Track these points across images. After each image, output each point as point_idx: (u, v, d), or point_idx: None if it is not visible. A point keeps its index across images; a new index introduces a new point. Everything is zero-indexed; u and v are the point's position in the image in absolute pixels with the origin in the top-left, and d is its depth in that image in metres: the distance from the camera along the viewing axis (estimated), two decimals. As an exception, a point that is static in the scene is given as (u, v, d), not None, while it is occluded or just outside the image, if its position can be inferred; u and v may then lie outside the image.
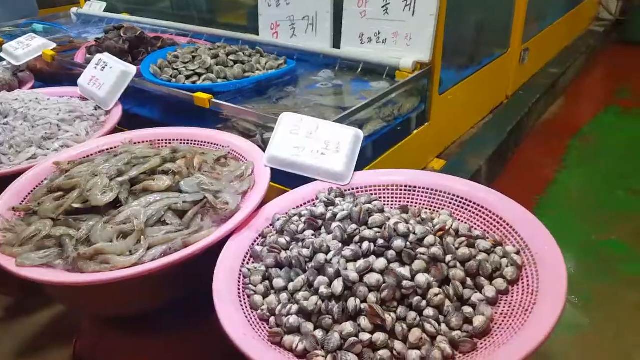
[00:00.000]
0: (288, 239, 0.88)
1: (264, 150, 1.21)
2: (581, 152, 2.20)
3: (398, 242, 0.74)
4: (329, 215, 0.90)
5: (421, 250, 0.74)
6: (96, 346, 1.17)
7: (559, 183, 1.96)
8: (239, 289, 0.83)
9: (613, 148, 2.22)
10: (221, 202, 1.04)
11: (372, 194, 1.05)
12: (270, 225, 1.00)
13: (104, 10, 2.50)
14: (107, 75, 1.56)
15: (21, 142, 1.31)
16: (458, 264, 0.77)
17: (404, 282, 0.70)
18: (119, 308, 0.99)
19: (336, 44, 1.72)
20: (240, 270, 0.87)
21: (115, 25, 1.92)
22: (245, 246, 0.93)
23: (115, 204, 1.00)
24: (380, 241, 0.75)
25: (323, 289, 0.72)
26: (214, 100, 1.38)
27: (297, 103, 1.49)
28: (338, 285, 0.71)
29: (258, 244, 0.95)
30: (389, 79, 1.56)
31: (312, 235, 0.86)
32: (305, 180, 1.13)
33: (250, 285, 0.82)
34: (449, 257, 0.76)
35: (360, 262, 0.73)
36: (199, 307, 1.14)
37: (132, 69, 1.55)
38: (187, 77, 1.54)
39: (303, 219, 0.92)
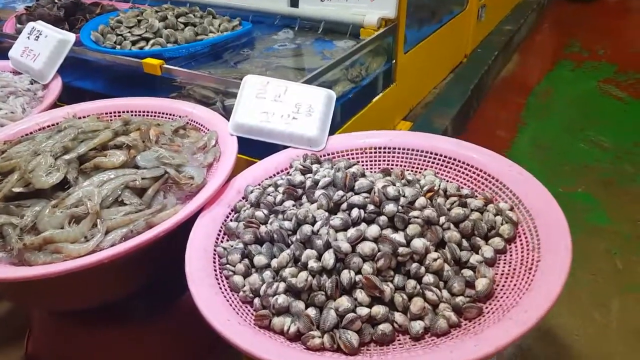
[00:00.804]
0: (266, 211, 0.81)
1: (226, 119, 1.12)
2: (540, 108, 2.22)
3: (390, 207, 0.68)
4: (308, 183, 0.82)
5: (414, 213, 0.69)
6: (52, 343, 1.06)
7: (522, 139, 1.97)
8: (215, 271, 0.75)
9: (570, 102, 2.26)
10: (185, 177, 0.94)
11: (349, 159, 0.99)
12: (243, 198, 0.92)
13: (30, -25, 2.24)
14: (42, 45, 1.39)
15: (-56, 122, 1.14)
16: (452, 226, 0.72)
17: (400, 249, 0.65)
18: (76, 302, 0.89)
19: (293, 2, 1.61)
20: (215, 250, 0.79)
21: (46, -11, 1.72)
22: (217, 223, 0.85)
23: (63, 185, 0.88)
24: (371, 207, 0.69)
25: (313, 263, 0.65)
26: (166, 65, 1.26)
27: (257, 66, 1.39)
28: (329, 258, 0.64)
29: (232, 220, 0.87)
30: (353, 38, 1.48)
31: (293, 206, 0.79)
32: (273, 150, 1.05)
33: (228, 266, 0.74)
34: (442, 219, 0.71)
35: (352, 231, 0.66)
36: (166, 293, 1.06)
37: (71, 37, 1.38)
38: (134, 43, 1.39)
39: (280, 189, 0.85)
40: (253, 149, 1.08)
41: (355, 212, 0.69)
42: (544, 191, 0.72)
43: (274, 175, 0.98)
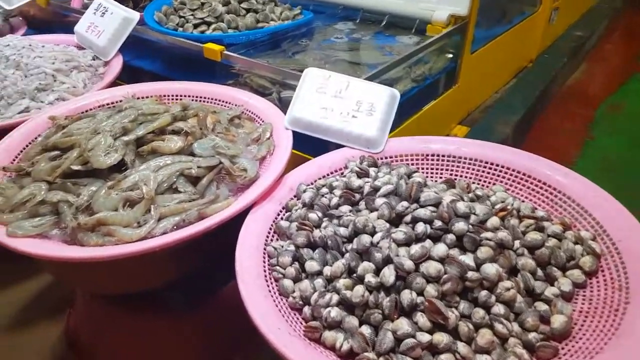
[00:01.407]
0: (320, 214, 0.77)
1: (281, 110, 1.08)
2: (610, 122, 2.07)
3: (460, 225, 0.63)
4: (367, 188, 0.78)
5: (487, 235, 0.63)
6: (91, 322, 1.07)
7: (589, 154, 1.84)
8: (264, 271, 0.72)
9: (643, 117, 2.10)
10: (238, 168, 0.92)
11: (408, 164, 0.93)
12: (295, 196, 0.88)
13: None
14: (107, 22, 1.40)
15: (13, 93, 1.16)
16: (526, 252, 0.66)
17: (469, 274, 0.59)
18: (119, 287, 0.89)
19: (358, -7, 1.55)
20: (265, 249, 0.76)
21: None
22: (268, 220, 0.82)
23: (120, 166, 0.87)
24: (438, 223, 0.64)
25: (370, 278, 0.61)
26: (226, 52, 1.23)
27: (315, 58, 1.35)
28: (389, 274, 0.60)
29: (283, 218, 0.84)
30: (418, 34, 1.41)
31: (350, 212, 0.75)
32: (326, 148, 1.01)
33: (278, 267, 0.71)
34: (516, 244, 0.65)
35: (416, 248, 0.61)
36: (206, 284, 1.05)
37: (135, 15, 1.39)
38: (195, 26, 1.38)
39: (336, 191, 0.81)
40: (305, 144, 1.04)
41: (420, 227, 0.64)
42: (635, 224, 0.65)
43: (328, 175, 0.94)
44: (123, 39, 1.39)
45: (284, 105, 1.19)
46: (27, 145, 1.01)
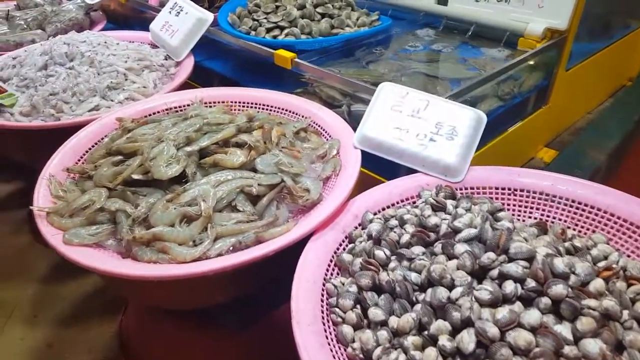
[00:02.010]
0: (387, 252, 0.69)
1: (349, 124, 1.01)
2: None
3: (558, 288, 0.52)
4: (444, 227, 0.69)
5: (590, 303, 0.52)
6: (142, 330, 1.06)
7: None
8: (322, 312, 0.65)
9: None
10: (301, 189, 0.85)
11: (492, 198, 0.83)
12: (360, 225, 0.81)
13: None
14: (181, 22, 1.39)
15: (85, 90, 1.18)
16: (635, 325, 0.54)
17: (566, 349, 0.49)
18: (170, 303, 0.85)
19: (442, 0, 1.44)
20: (324, 285, 0.69)
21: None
22: (329, 250, 0.75)
23: (181, 178, 0.84)
24: (531, 283, 0.54)
25: (445, 341, 0.52)
26: (297, 60, 1.18)
27: (390, 69, 1.26)
28: (469, 341, 0.51)
29: (345, 250, 0.76)
30: (508, 47, 1.28)
31: (423, 254, 0.66)
32: (396, 169, 0.92)
33: (337, 310, 0.64)
34: (624, 314, 0.54)
35: (503, 312, 0.52)
36: (257, 305, 1.00)
37: (209, 17, 1.37)
38: (268, 31, 1.34)
39: (408, 227, 0.72)
40: (375, 162, 0.96)
41: (509, 286, 0.54)
42: None
43: (399, 203, 0.85)
44: (196, 40, 1.37)
45: (353, 119, 1.11)
46: (93, 146, 1.01)
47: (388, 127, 0.92)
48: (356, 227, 0.81)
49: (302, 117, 1.08)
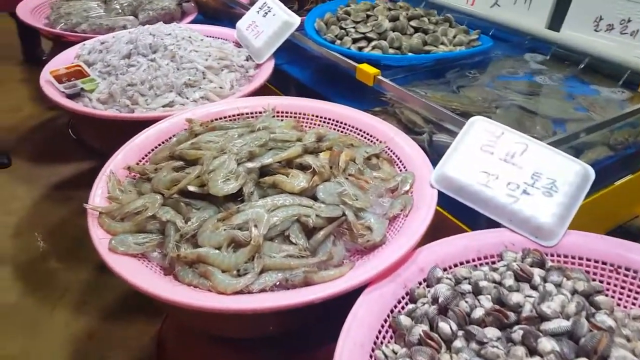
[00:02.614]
0: (454, 326, 0.58)
1: (428, 156, 0.90)
2: None
3: None
4: (527, 308, 0.57)
5: None
6: (179, 342, 1.02)
7: None
8: (367, 386, 0.56)
9: None
10: (363, 226, 0.77)
11: (589, 274, 0.69)
12: (425, 281, 0.70)
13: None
14: (267, 23, 1.35)
15: (162, 84, 1.16)
16: None
17: None
18: (206, 329, 0.80)
19: (554, 24, 1.28)
20: (373, 351, 0.60)
21: (288, -35, 1.69)
22: (384, 308, 0.66)
23: (237, 195, 0.78)
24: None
25: None
26: (380, 77, 1.08)
27: (484, 97, 1.13)
28: None
29: (404, 309, 0.67)
30: (627, 88, 1.10)
31: (498, 339, 0.54)
32: (476, 217, 0.80)
33: (384, 387, 0.54)
34: None
35: None
36: (301, 343, 0.92)
37: (296, 21, 1.31)
38: (355, 41, 1.26)
39: (483, 299, 0.61)
40: (451, 201, 0.84)
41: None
42: None
43: (475, 261, 0.74)
44: (279, 44, 1.32)
45: (434, 151, 1.00)
46: (160, 144, 0.98)
47: (474, 170, 0.80)
48: (420, 283, 0.71)
49: (377, 140, 0.99)
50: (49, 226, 1.43)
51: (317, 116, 1.07)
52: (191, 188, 0.78)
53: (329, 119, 1.06)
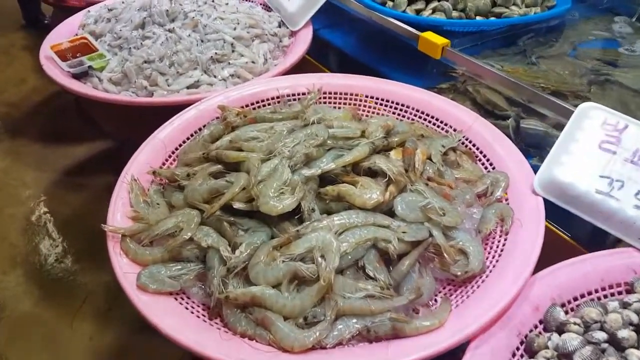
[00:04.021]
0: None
1: (519, 147, 0.73)
2: None
3: None
4: None
5: None
6: None
7: None
8: None
9: None
10: (455, 249, 0.60)
11: None
12: (541, 324, 0.55)
13: None
14: (302, -18, 1.14)
15: (184, 60, 0.98)
16: None
17: None
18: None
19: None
20: None
21: None
22: (498, 368, 0.50)
23: (294, 211, 0.62)
24: None
25: None
26: (450, 49, 0.89)
27: (573, 72, 0.94)
28: None
29: (523, 369, 0.51)
30: None
31: None
32: (596, 233, 0.64)
33: None
34: None
35: None
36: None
37: (337, -22, 1.10)
38: (410, 2, 1.05)
39: (633, 356, 0.45)
40: (552, 209, 0.68)
41: None
42: None
43: (599, 292, 0.58)
44: (317, 7, 1.12)
45: (522, 139, 0.83)
46: (188, 137, 0.82)
47: (592, 174, 0.63)
48: (536, 326, 0.55)
49: (450, 128, 0.81)
50: (63, 218, 1.29)
51: (373, 98, 0.89)
52: (237, 205, 0.62)
53: (387, 101, 0.88)
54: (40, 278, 1.13)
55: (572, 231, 0.72)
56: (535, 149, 0.82)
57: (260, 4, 1.27)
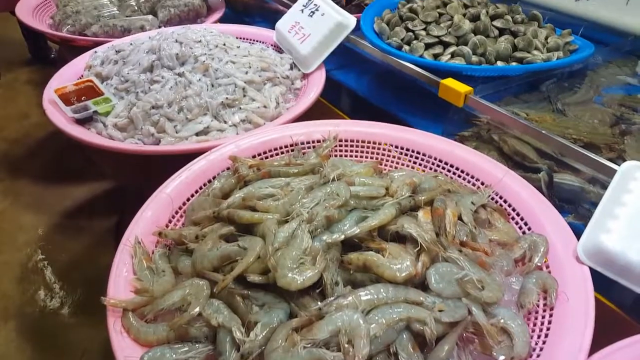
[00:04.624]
0: None
1: (551, 201, 0.67)
2: None
3: None
4: None
5: None
6: None
7: None
8: None
9: None
10: (497, 328, 0.54)
11: None
12: None
13: None
14: (315, 25, 1.11)
15: (194, 106, 0.94)
16: None
17: None
18: None
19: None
20: None
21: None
22: None
23: (316, 284, 0.55)
24: None
25: None
26: (474, 97, 0.84)
27: (602, 120, 0.89)
28: None
29: None
30: None
31: None
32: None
33: None
34: None
35: None
36: None
37: (351, 22, 1.07)
38: (427, 46, 1.01)
39: None
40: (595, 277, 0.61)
41: None
42: None
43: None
44: (331, 50, 1.09)
45: (556, 194, 0.77)
46: (197, 191, 0.76)
47: (643, 243, 0.57)
48: None
49: (477, 181, 0.76)
50: (60, 266, 1.22)
51: (393, 146, 0.84)
52: (251, 278, 0.55)
53: (408, 150, 0.83)
54: (34, 333, 1.06)
55: (622, 303, 0.65)
56: (570, 204, 0.77)
57: (272, 46, 1.24)
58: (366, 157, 0.85)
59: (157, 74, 0.99)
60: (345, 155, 0.85)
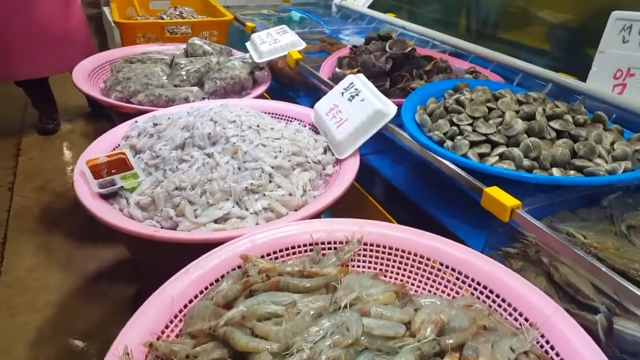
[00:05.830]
0: None
1: (606, 347, 0.55)
2: None
3: None
4: None
5: None
6: None
7: None
8: None
9: None
10: None
11: None
12: None
13: (369, 7, 2.07)
14: (354, 110, 1.07)
15: (217, 190, 0.89)
16: None
17: None
18: None
19: None
20: None
21: (381, 34, 1.43)
22: None
23: None
24: None
25: None
26: (522, 213, 0.74)
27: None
28: None
29: None
30: None
31: None
32: None
33: None
34: None
35: None
36: None
37: (391, 111, 1.02)
38: (472, 145, 0.93)
39: None
40: None
41: None
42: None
43: None
44: (367, 137, 1.03)
45: (615, 343, 0.64)
46: (202, 291, 0.70)
47: None
48: None
49: (519, 315, 0.65)
50: (76, 333, 1.18)
51: (424, 258, 0.75)
52: None
53: (442, 265, 0.73)
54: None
55: None
56: (633, 358, 0.63)
57: (309, 125, 1.21)
58: (392, 265, 0.76)
59: (187, 153, 0.97)
60: (369, 259, 0.77)
